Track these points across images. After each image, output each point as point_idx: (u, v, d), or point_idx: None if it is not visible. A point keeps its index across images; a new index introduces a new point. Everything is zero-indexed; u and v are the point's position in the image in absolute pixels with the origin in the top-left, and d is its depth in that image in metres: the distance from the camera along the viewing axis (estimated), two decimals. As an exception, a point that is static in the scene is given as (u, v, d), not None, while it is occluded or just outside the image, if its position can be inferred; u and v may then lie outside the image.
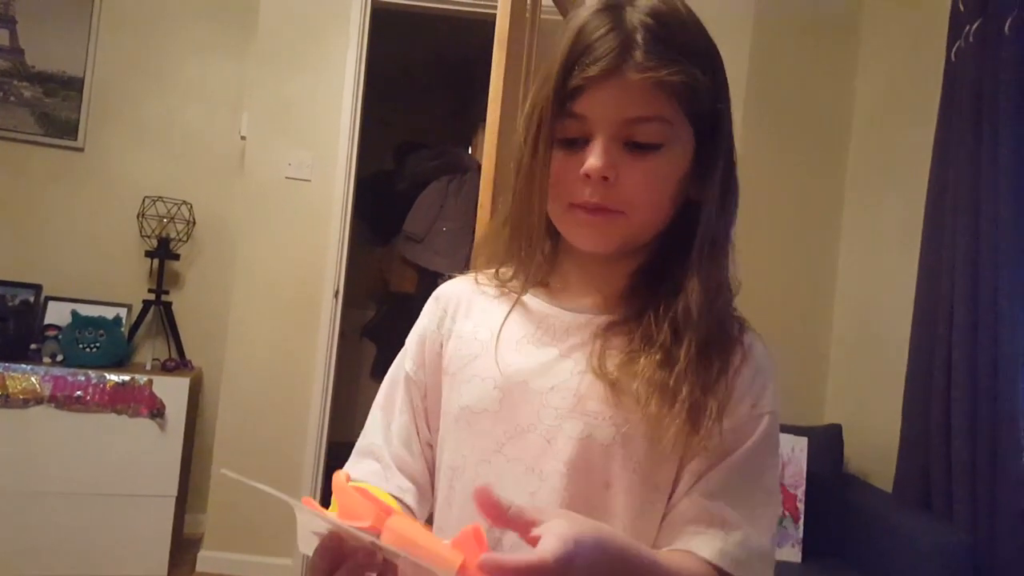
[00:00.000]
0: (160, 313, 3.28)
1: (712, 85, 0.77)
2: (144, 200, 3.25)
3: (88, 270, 3.29)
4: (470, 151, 4.33)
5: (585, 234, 0.78)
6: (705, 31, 0.79)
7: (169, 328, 3.28)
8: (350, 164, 3.03)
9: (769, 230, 2.94)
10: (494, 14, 1.62)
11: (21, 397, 2.77)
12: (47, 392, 2.79)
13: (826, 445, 2.59)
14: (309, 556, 0.63)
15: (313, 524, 0.61)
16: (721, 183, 0.78)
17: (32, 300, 3.16)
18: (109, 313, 3.09)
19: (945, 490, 2.25)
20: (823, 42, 3.05)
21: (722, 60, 0.81)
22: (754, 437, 0.74)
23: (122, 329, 3.11)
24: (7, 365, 2.80)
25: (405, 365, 0.89)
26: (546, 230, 0.82)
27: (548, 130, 0.76)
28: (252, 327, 3.02)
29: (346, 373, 3.30)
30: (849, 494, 2.54)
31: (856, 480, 2.64)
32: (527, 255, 0.83)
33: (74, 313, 3.02)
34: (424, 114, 4.81)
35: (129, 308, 3.25)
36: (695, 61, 0.75)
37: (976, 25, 2.31)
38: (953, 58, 2.41)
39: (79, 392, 2.81)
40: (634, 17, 0.74)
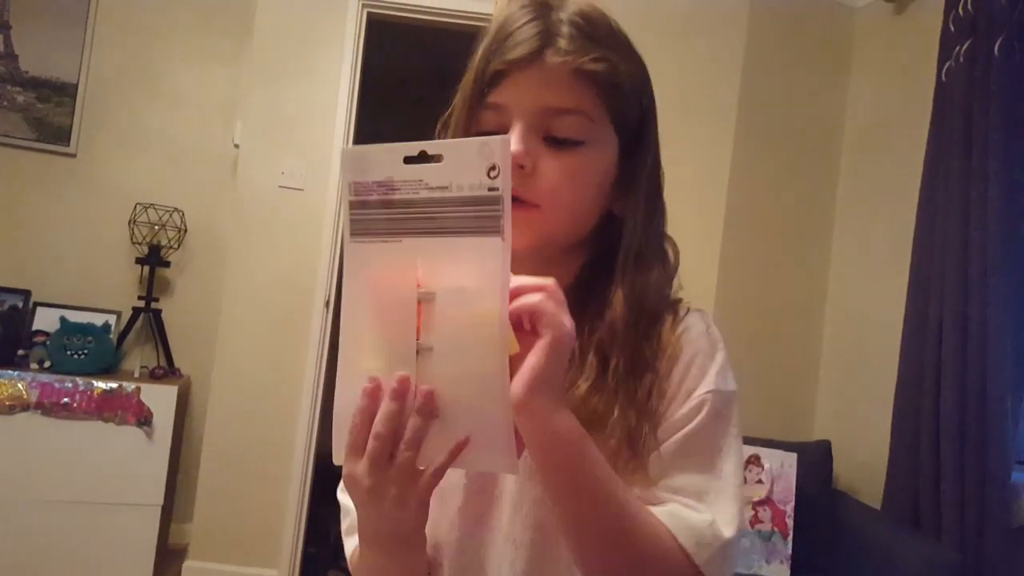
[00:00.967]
0: (149, 320, 3.26)
1: (637, 90, 0.75)
2: (136, 207, 3.23)
3: (78, 276, 3.27)
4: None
5: None
6: (633, 47, 0.77)
7: (158, 336, 3.26)
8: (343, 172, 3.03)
9: (760, 247, 2.94)
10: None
11: (7, 403, 2.74)
12: (33, 399, 2.77)
13: (815, 461, 2.59)
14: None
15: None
16: (646, 198, 0.76)
17: (20, 305, 3.14)
18: (98, 320, 3.08)
19: (934, 507, 2.26)
20: (815, 61, 3.08)
21: (650, 78, 0.78)
22: (693, 423, 0.70)
23: (111, 336, 3.09)
24: (-6, 371, 2.77)
25: None
26: None
27: (467, 123, 0.74)
28: (242, 336, 3.00)
29: (335, 383, 3.29)
30: (838, 510, 2.54)
31: (845, 497, 2.64)
32: None
33: (62, 319, 3.00)
34: (418, 125, 4.80)
35: (118, 315, 3.23)
36: (620, 58, 0.73)
37: (966, 45, 2.34)
38: (944, 78, 2.43)
39: (66, 399, 2.79)
40: (561, 14, 0.72)
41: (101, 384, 2.84)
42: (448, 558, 0.76)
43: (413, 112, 4.74)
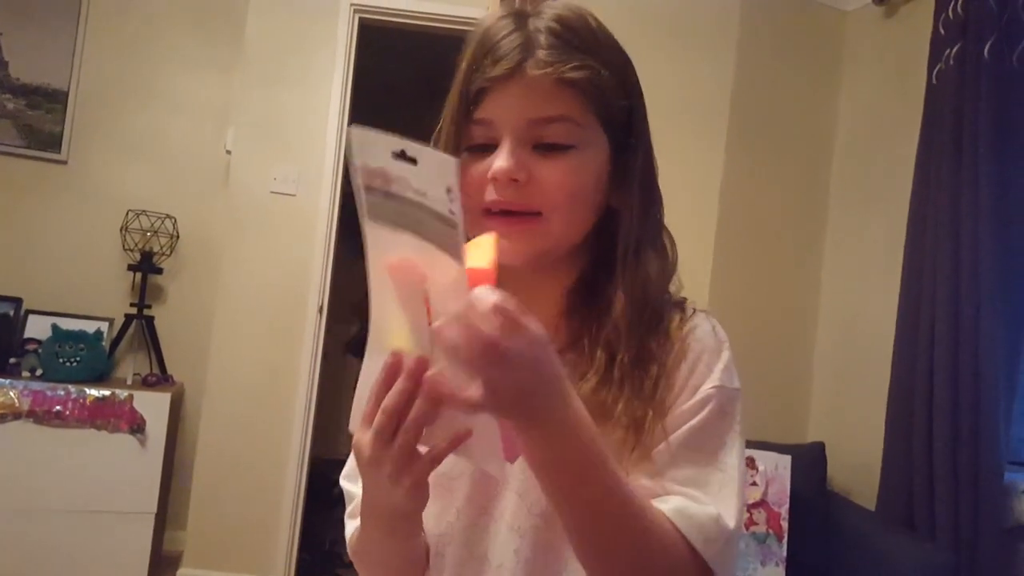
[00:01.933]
0: (142, 327, 3.25)
1: (621, 87, 0.75)
2: (128, 213, 3.22)
3: (70, 283, 3.26)
4: (456, 167, 4.34)
5: (503, 246, 0.71)
6: (615, 40, 0.77)
7: (151, 343, 3.25)
8: (336, 179, 3.02)
9: (753, 250, 2.95)
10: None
11: (-1, 412, 2.74)
12: (26, 407, 2.75)
13: (810, 463, 2.60)
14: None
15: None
16: (640, 189, 0.76)
17: (12, 313, 3.12)
18: (90, 327, 3.06)
19: (928, 508, 2.26)
20: (806, 64, 3.09)
21: (634, 69, 0.79)
22: (698, 417, 0.71)
23: (103, 343, 3.08)
24: (-15, 379, 2.76)
25: None
26: None
27: (455, 139, 0.74)
28: (235, 342, 3.00)
29: (329, 389, 3.28)
30: (833, 512, 2.54)
31: (840, 498, 2.64)
32: None
33: (54, 327, 2.98)
34: (410, 130, 4.80)
35: (111, 322, 3.22)
36: (600, 60, 0.73)
37: (956, 48, 2.35)
38: (934, 81, 2.44)
39: (58, 407, 2.78)
40: (538, 22, 0.73)
41: (94, 392, 2.83)
42: (452, 546, 0.77)
43: (405, 117, 4.76)
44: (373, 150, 0.54)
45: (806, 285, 3.07)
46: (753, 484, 2.44)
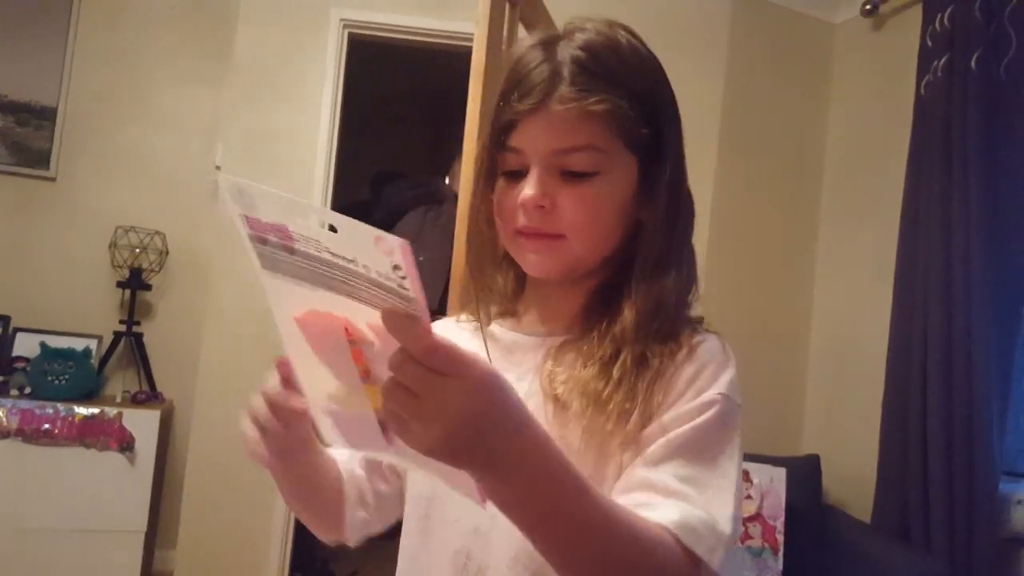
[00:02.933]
0: (131, 344, 3.23)
1: (647, 111, 0.78)
2: (116, 230, 3.21)
3: (58, 301, 3.23)
4: (447, 181, 4.33)
5: (531, 260, 0.80)
6: (646, 57, 0.81)
7: (140, 360, 3.22)
8: (326, 194, 3.01)
9: (745, 262, 2.95)
10: (470, 46, 1.63)
11: (-14, 431, 2.71)
12: (14, 425, 2.73)
13: (804, 476, 2.59)
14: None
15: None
16: (667, 204, 0.80)
17: (0, 331, 3.10)
18: (79, 344, 3.04)
19: (923, 519, 2.26)
20: (796, 77, 3.10)
21: (669, 85, 0.83)
22: (702, 418, 0.72)
23: (92, 361, 3.06)
24: (-28, 398, 2.73)
25: None
26: (508, 261, 0.85)
27: (490, 164, 0.80)
28: (225, 359, 2.97)
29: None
30: (828, 525, 2.53)
31: (835, 510, 2.63)
32: (484, 285, 0.87)
33: (43, 345, 2.96)
34: (401, 144, 4.82)
35: (99, 339, 3.19)
36: (625, 88, 0.76)
37: (944, 60, 2.36)
38: (923, 92, 2.46)
39: (47, 425, 2.76)
40: (566, 52, 0.76)
41: (82, 410, 2.81)
42: (439, 511, 0.80)
43: (395, 132, 4.77)
44: (260, 204, 0.52)
45: (798, 296, 3.07)
46: (748, 497, 2.43)
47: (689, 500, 0.67)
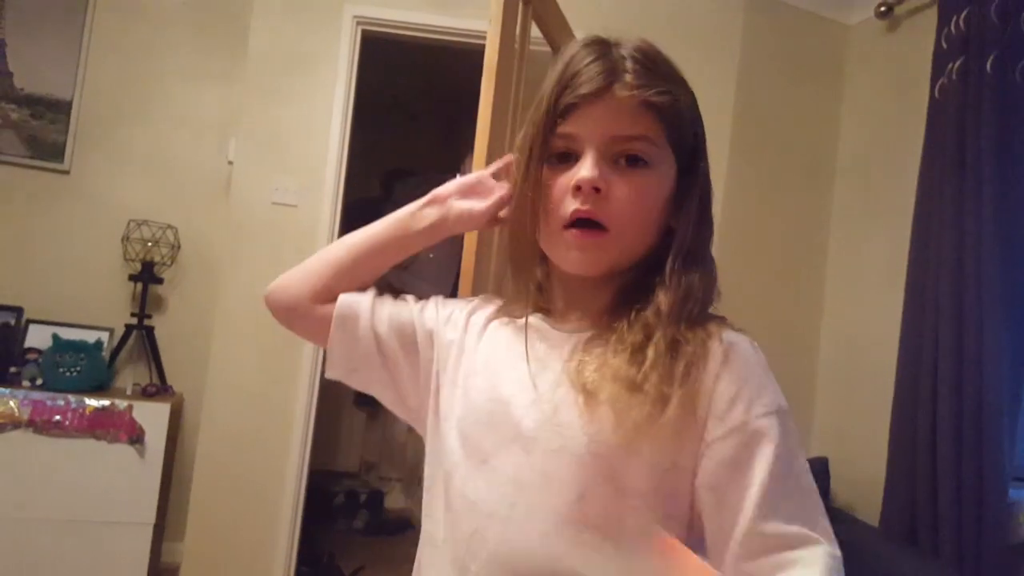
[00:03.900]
0: (142, 337, 3.25)
1: (694, 115, 0.83)
2: (129, 223, 3.23)
3: (70, 293, 3.25)
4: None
5: (574, 257, 0.81)
6: (684, 78, 0.85)
7: (151, 353, 3.24)
8: (337, 190, 3.02)
9: (756, 267, 2.94)
10: (483, 44, 1.63)
11: (-2, 421, 2.73)
12: (25, 416, 2.75)
13: (814, 479, 2.57)
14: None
15: None
16: (697, 210, 0.83)
17: (13, 323, 3.12)
18: (90, 337, 3.06)
19: (931, 524, 2.25)
20: (809, 79, 3.09)
21: (698, 104, 0.86)
22: (773, 441, 0.74)
23: (103, 353, 3.07)
24: (-15, 389, 2.75)
25: (426, 306, 0.97)
26: (539, 258, 0.87)
27: (540, 150, 0.81)
28: (235, 353, 2.98)
29: (329, 401, 3.27)
30: (836, 528, 2.50)
31: (843, 514, 2.62)
32: (523, 278, 0.88)
33: (55, 336, 2.98)
34: (412, 141, 4.82)
35: (111, 332, 3.21)
36: (678, 89, 0.81)
37: (959, 63, 2.35)
38: (937, 95, 2.44)
39: (58, 417, 2.77)
40: (622, 50, 0.80)
41: (93, 402, 2.82)
42: (455, 489, 0.82)
43: (407, 129, 4.78)
44: None
45: (809, 300, 3.06)
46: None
47: (810, 542, 0.74)
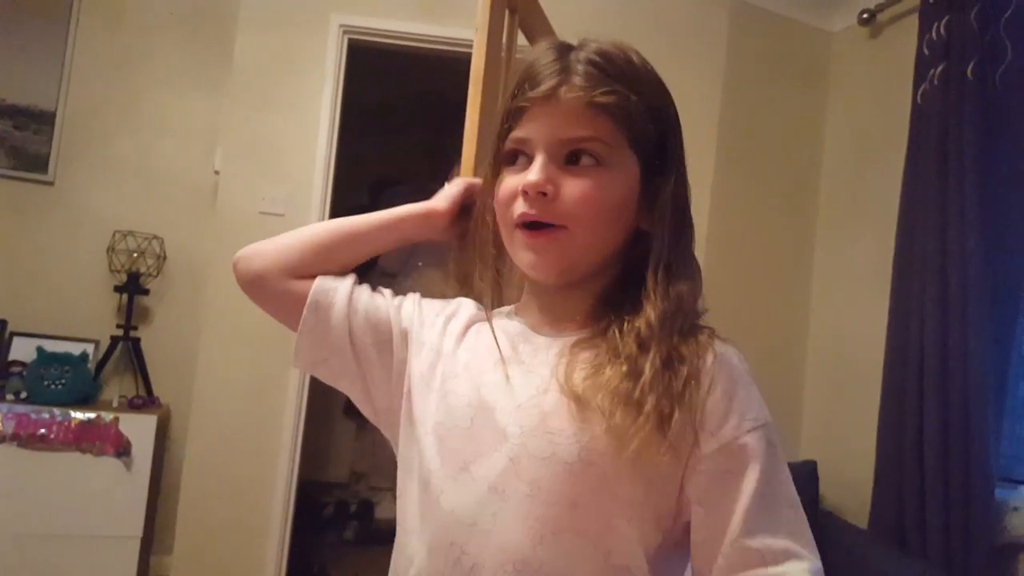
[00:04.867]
0: (128, 349, 3.22)
1: (652, 113, 0.81)
2: (114, 234, 3.21)
3: (55, 305, 3.23)
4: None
5: (528, 258, 0.80)
6: (653, 71, 0.84)
7: (137, 365, 3.22)
8: (325, 199, 3.01)
9: (742, 270, 2.96)
10: (470, 53, 1.63)
11: (-18, 435, 2.70)
12: (10, 430, 2.72)
13: (801, 482, 2.55)
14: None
15: None
16: (672, 212, 0.82)
17: (-4, 336, 3.10)
18: (76, 349, 3.03)
19: (919, 526, 2.26)
20: (794, 85, 3.12)
21: (673, 102, 0.85)
22: (760, 457, 0.74)
23: (89, 366, 3.05)
24: (-31, 403, 2.72)
25: (404, 303, 0.96)
26: (500, 259, 0.88)
27: (496, 155, 0.84)
28: (222, 364, 2.97)
29: (319, 411, 3.26)
30: (824, 531, 2.53)
31: (831, 517, 2.63)
32: (486, 276, 0.89)
33: (39, 349, 2.95)
34: (400, 151, 4.82)
35: (96, 344, 3.19)
36: (633, 89, 0.79)
37: (940, 68, 2.38)
38: (919, 100, 2.47)
39: (43, 430, 2.74)
40: (580, 54, 0.80)
41: (79, 415, 2.80)
42: (433, 495, 0.79)
43: (394, 138, 4.77)
44: None
45: (795, 303, 3.08)
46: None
47: (795, 556, 0.74)
